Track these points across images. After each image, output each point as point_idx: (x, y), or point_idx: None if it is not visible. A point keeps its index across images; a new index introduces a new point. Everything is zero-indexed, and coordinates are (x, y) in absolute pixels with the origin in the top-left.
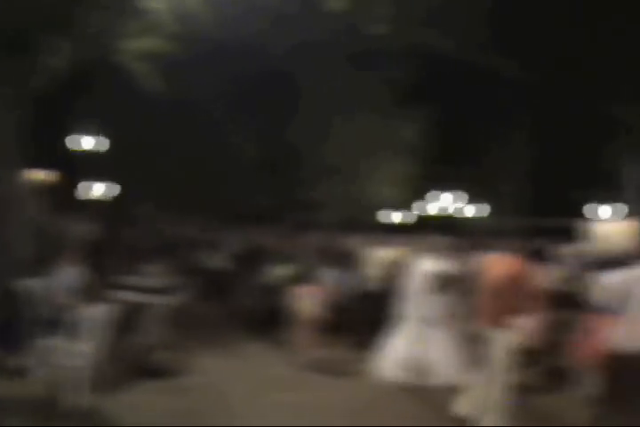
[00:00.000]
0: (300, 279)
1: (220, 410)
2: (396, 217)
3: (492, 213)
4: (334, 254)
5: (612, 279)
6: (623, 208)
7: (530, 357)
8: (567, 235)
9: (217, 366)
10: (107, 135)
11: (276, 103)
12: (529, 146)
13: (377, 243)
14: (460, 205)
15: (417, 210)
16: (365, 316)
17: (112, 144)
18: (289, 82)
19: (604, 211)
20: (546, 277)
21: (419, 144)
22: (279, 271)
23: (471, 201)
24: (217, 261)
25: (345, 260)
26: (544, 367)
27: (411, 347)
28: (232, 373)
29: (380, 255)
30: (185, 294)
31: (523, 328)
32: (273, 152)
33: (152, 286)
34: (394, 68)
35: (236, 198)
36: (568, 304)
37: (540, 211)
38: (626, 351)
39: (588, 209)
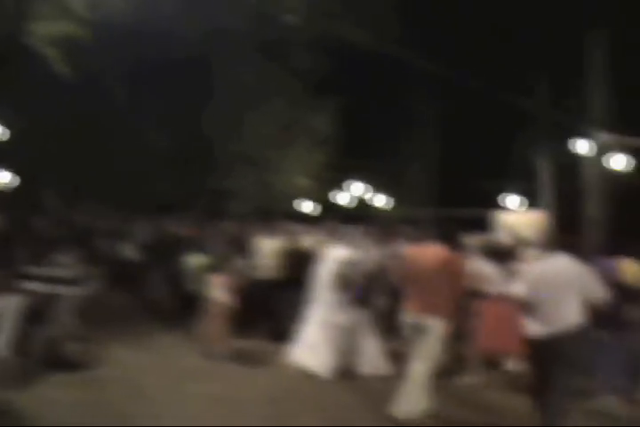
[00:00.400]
0: (213, 269)
1: (133, 402)
2: (308, 207)
3: (401, 204)
4: (246, 244)
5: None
6: (534, 199)
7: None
8: (481, 226)
9: (130, 358)
10: (10, 123)
11: (190, 92)
12: (439, 137)
13: (285, 232)
14: (370, 195)
15: (329, 200)
16: (276, 305)
17: (17, 132)
18: (203, 70)
19: (513, 201)
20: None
21: (330, 135)
22: (192, 261)
23: (381, 192)
24: (128, 251)
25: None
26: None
27: (324, 335)
28: (145, 364)
29: (272, 245)
30: (96, 284)
31: (448, 315)
32: (185, 141)
33: (62, 277)
34: (306, 58)
35: (148, 188)
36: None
37: (451, 202)
38: (537, 337)
39: (500, 200)
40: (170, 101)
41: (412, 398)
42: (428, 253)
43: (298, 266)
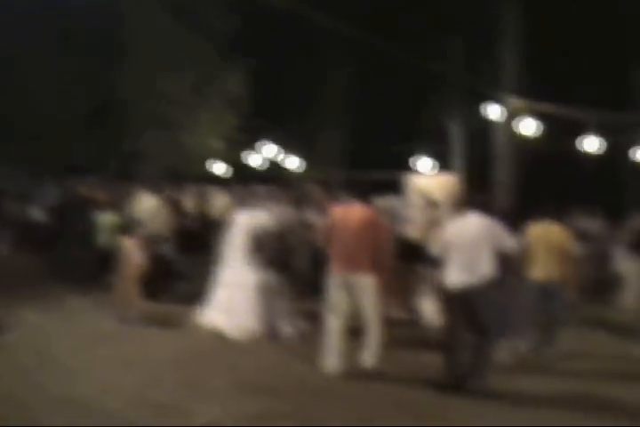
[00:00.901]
0: (124, 229)
1: (43, 369)
2: (220, 169)
3: (313, 166)
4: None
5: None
6: (446, 162)
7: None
8: (394, 188)
9: (39, 323)
10: None
11: (105, 52)
12: (351, 100)
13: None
14: (282, 157)
15: (241, 162)
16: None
17: None
18: (117, 30)
19: (424, 164)
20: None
21: (242, 96)
22: (104, 220)
23: (293, 154)
24: (37, 213)
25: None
26: None
27: (237, 297)
28: (56, 329)
29: (151, 202)
30: (1, 247)
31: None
32: (96, 103)
33: None
34: (216, 18)
35: (59, 149)
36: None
37: (364, 164)
38: (455, 288)
39: (412, 163)
40: (84, 60)
41: (375, 349)
42: (354, 212)
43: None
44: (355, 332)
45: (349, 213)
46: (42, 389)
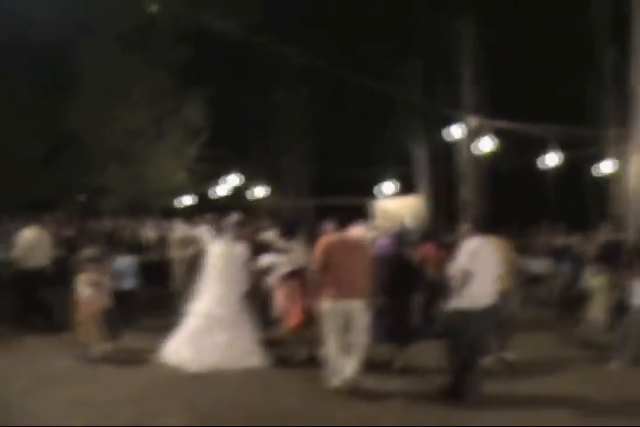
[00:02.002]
0: (84, 265)
1: None
2: (186, 201)
3: (276, 194)
4: (119, 239)
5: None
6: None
7: None
8: (362, 213)
9: None
10: None
11: (56, 82)
12: (310, 127)
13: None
14: (247, 186)
15: (205, 192)
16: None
17: None
18: (66, 68)
19: (389, 187)
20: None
21: (202, 126)
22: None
23: (257, 182)
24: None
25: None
26: None
27: (201, 328)
28: (8, 370)
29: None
30: None
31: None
32: (53, 139)
33: None
34: (168, 47)
35: (16, 188)
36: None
37: (327, 191)
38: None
39: (376, 187)
40: (35, 93)
41: (357, 367)
42: (351, 238)
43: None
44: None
45: (346, 239)
46: None
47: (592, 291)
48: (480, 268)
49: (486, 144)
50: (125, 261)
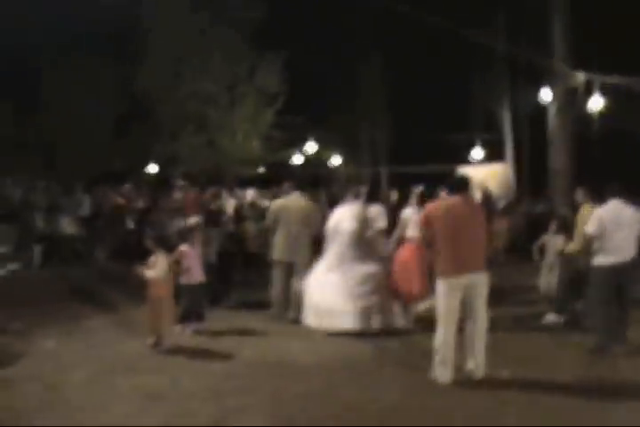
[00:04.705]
0: (167, 241)
1: (52, 405)
2: (260, 169)
3: (352, 162)
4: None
5: None
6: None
7: None
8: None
9: (53, 349)
10: None
11: (123, 49)
12: (389, 89)
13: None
14: (322, 154)
15: (279, 161)
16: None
17: None
18: (135, 24)
19: (477, 154)
20: None
21: (278, 92)
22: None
23: (335, 150)
24: (67, 225)
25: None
26: None
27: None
28: (70, 357)
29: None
30: (19, 265)
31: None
32: (124, 108)
33: None
34: (244, 8)
35: (88, 156)
36: None
37: (408, 158)
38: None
39: (465, 153)
40: (105, 60)
41: (484, 356)
42: (466, 206)
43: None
44: None
45: (459, 207)
46: None
47: None
48: (613, 228)
49: (596, 103)
50: (211, 234)
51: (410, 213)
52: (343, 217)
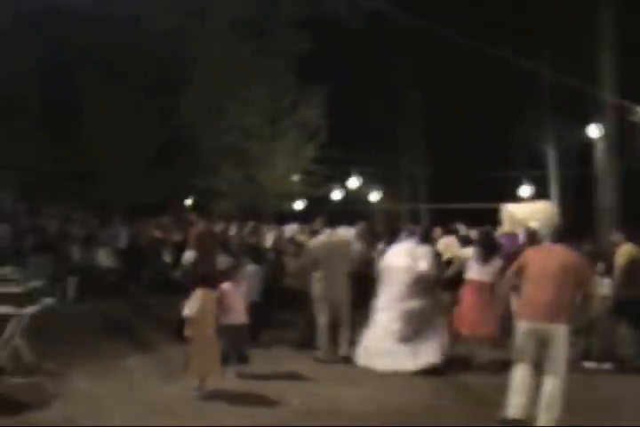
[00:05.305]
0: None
1: None
2: (299, 204)
3: (390, 198)
4: (245, 246)
5: None
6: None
7: None
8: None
9: (89, 391)
10: None
11: (166, 79)
12: (429, 124)
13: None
14: (361, 190)
15: (319, 196)
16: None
17: None
18: (179, 56)
19: (525, 191)
20: None
21: (320, 126)
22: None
23: (375, 186)
24: (104, 257)
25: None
26: None
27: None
28: (107, 399)
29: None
30: (55, 299)
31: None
32: (164, 139)
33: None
34: (286, 37)
35: (126, 188)
36: None
37: (448, 195)
38: None
39: (511, 190)
40: (146, 91)
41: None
42: (556, 254)
43: None
44: None
45: (549, 254)
46: None
47: None
48: None
49: None
50: (252, 271)
51: (469, 253)
52: (397, 255)
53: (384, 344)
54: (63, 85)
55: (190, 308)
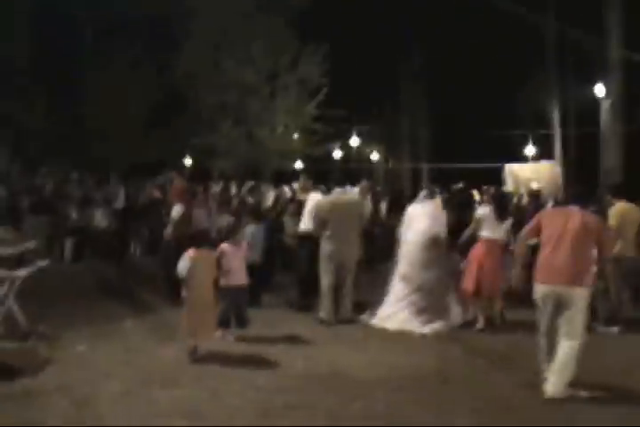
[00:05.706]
0: (207, 237)
1: (83, 423)
2: (299, 163)
3: (392, 157)
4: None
5: None
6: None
7: None
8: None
9: (85, 357)
10: None
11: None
12: (432, 81)
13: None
14: (362, 149)
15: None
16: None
17: None
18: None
19: (530, 151)
20: None
21: (319, 85)
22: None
23: (375, 145)
24: (101, 218)
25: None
26: None
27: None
28: (103, 365)
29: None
30: (47, 262)
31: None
32: (160, 97)
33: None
34: None
35: (124, 147)
36: None
37: (449, 155)
38: None
39: (515, 150)
40: (145, 47)
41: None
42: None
43: None
44: None
45: (567, 217)
46: None
47: None
48: None
49: None
50: (253, 231)
51: (484, 213)
52: (418, 216)
53: (399, 314)
54: (60, 41)
55: (181, 269)
